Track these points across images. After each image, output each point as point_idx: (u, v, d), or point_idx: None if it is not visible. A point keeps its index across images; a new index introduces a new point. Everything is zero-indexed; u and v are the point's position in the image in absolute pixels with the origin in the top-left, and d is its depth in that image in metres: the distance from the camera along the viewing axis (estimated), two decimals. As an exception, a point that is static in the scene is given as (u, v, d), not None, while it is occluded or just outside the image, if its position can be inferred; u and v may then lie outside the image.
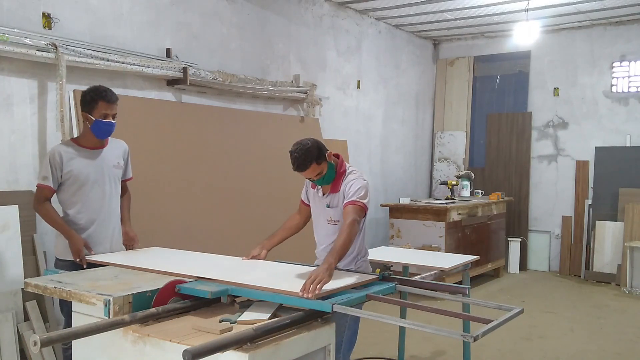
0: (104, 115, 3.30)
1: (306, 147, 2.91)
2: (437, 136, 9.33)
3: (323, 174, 2.99)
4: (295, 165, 2.92)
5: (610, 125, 8.01)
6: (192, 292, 2.51)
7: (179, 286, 2.55)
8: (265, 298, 2.48)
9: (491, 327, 2.15)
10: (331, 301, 2.33)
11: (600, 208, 7.87)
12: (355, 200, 2.93)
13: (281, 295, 2.44)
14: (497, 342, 5.04)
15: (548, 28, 8.11)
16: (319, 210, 3.18)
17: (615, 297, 6.90)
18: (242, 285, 2.55)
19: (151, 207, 4.60)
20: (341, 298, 2.40)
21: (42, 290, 2.70)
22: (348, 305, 2.34)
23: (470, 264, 3.95)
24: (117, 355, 2.36)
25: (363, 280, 2.70)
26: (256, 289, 2.51)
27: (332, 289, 2.46)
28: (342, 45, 7.31)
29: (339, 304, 2.31)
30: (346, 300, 2.37)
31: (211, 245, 4.95)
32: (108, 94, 3.32)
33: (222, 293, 2.52)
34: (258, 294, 2.50)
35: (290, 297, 2.40)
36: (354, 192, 2.96)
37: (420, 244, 6.69)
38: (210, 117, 5.33)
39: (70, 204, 3.37)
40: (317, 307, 2.33)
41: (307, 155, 2.90)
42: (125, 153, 3.64)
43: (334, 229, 3.08)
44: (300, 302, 2.36)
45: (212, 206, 5.13)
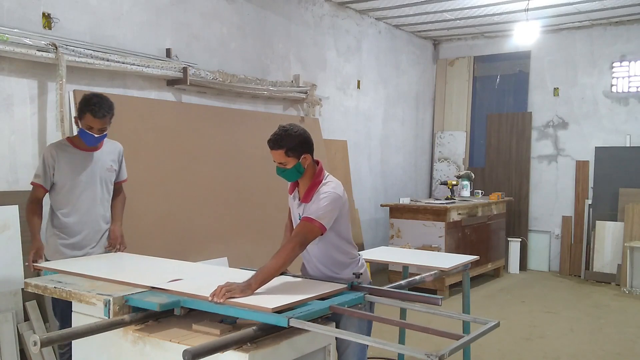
0: (89, 127, 3.24)
1: (290, 132, 2.71)
2: (437, 136, 9.33)
3: (286, 167, 2.76)
4: (270, 139, 2.73)
5: (610, 125, 8.01)
6: (140, 304, 2.36)
7: (126, 297, 2.41)
8: (217, 311, 2.30)
9: (461, 344, 1.97)
10: (288, 314, 2.15)
11: (600, 208, 7.87)
12: (312, 219, 2.65)
13: (235, 308, 2.26)
14: (497, 342, 5.04)
15: (548, 28, 8.10)
16: (295, 221, 2.94)
17: (615, 297, 6.90)
18: (195, 297, 2.38)
19: (151, 207, 4.60)
20: (300, 311, 2.22)
21: (42, 290, 2.70)
22: (308, 319, 2.18)
23: (470, 264, 3.94)
24: (117, 355, 2.35)
25: (329, 290, 2.51)
26: (204, 300, 2.34)
27: (293, 302, 2.29)
28: (342, 45, 7.30)
29: (296, 318, 2.13)
30: (305, 313, 2.20)
31: (211, 245, 4.96)
32: (96, 109, 3.20)
33: (173, 305, 2.36)
34: (210, 307, 2.31)
35: (245, 311, 2.24)
36: (316, 208, 2.68)
37: (420, 244, 6.69)
38: (210, 117, 5.33)
39: (61, 205, 3.34)
40: (272, 322, 2.14)
41: (284, 139, 2.69)
42: (119, 155, 3.58)
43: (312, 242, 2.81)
44: (254, 316, 2.19)
45: (212, 206, 5.13)
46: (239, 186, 5.39)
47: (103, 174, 3.44)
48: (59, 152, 3.32)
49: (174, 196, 4.81)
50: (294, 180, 2.86)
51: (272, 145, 2.72)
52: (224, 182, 5.28)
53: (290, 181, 2.90)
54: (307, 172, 2.82)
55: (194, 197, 5.00)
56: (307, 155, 2.77)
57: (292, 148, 2.71)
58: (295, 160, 2.74)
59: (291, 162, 2.74)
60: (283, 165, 2.76)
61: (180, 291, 2.44)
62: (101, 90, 4.45)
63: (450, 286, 6.70)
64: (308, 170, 2.81)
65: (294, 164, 2.75)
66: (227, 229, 5.20)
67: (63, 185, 3.32)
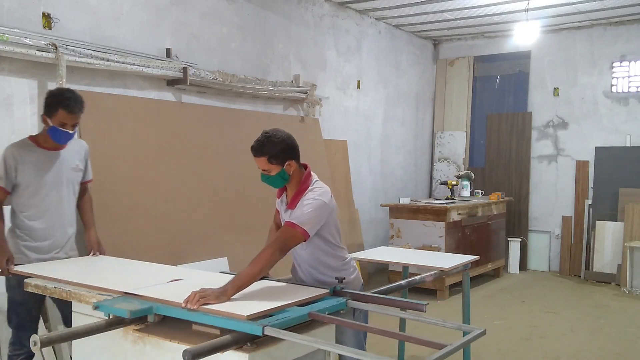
0: (62, 124, 3.09)
1: (272, 138, 2.65)
2: (437, 136, 9.33)
3: (270, 174, 2.70)
4: (252, 146, 2.67)
5: (610, 125, 8.01)
6: (109, 310, 2.27)
7: (96, 304, 2.34)
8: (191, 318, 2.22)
9: (443, 354, 1.89)
10: (263, 322, 2.06)
11: (600, 208, 7.87)
12: (294, 224, 2.57)
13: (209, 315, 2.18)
14: (497, 342, 5.04)
15: (548, 28, 8.10)
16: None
17: (615, 297, 6.90)
18: (169, 303, 2.29)
19: (151, 207, 4.60)
20: (276, 319, 2.13)
21: (42, 290, 2.70)
22: (285, 327, 2.10)
23: (470, 264, 3.94)
24: (117, 355, 2.35)
25: (309, 296, 2.42)
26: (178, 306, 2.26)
27: (269, 308, 2.20)
28: (342, 45, 7.30)
29: (272, 326, 2.04)
30: (281, 321, 2.11)
31: (211, 246, 4.96)
32: (70, 104, 3.08)
33: (145, 312, 2.26)
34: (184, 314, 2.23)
35: (219, 318, 2.15)
36: (299, 214, 2.61)
37: (420, 244, 6.69)
38: (210, 117, 5.33)
39: (25, 208, 3.16)
40: (246, 330, 2.05)
41: (266, 145, 2.64)
42: (85, 154, 3.43)
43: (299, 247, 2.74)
44: (227, 324, 2.10)
45: (212, 206, 5.13)
46: (239, 186, 5.39)
47: (69, 174, 3.29)
48: (22, 152, 3.15)
49: (173, 196, 4.81)
50: (279, 186, 2.81)
51: (255, 152, 2.67)
52: (224, 182, 5.28)
53: (276, 187, 2.84)
54: (294, 178, 2.75)
55: (194, 197, 5.00)
56: (291, 161, 2.69)
57: (274, 155, 2.65)
58: (279, 167, 2.68)
59: (275, 169, 2.68)
60: (267, 172, 2.71)
61: (154, 297, 2.35)
62: (101, 90, 4.47)
63: (450, 286, 6.70)
64: (294, 176, 2.74)
65: (277, 170, 2.68)
66: (227, 229, 5.20)
67: (27, 187, 3.14)
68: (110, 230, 4.22)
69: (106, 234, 4.17)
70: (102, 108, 4.40)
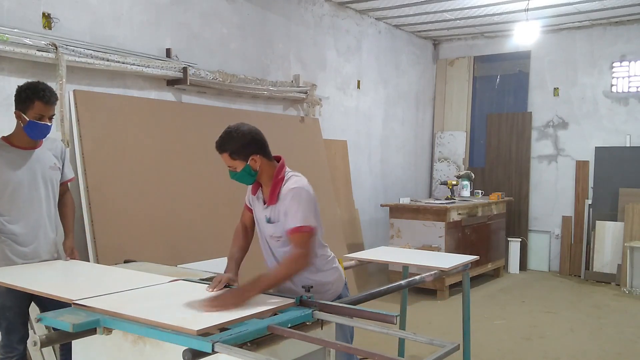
0: (40, 116, 3.01)
1: (233, 133, 2.58)
2: (437, 136, 9.33)
3: (235, 170, 2.62)
4: (216, 142, 2.61)
5: (610, 125, 8.01)
6: (51, 323, 2.12)
7: (39, 316, 2.18)
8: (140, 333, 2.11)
9: None
10: (214, 338, 1.89)
11: (600, 208, 7.87)
12: (300, 227, 2.50)
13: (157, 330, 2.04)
14: (497, 342, 5.04)
15: (548, 28, 8.10)
16: (260, 224, 2.75)
17: (615, 297, 6.90)
18: (116, 315, 2.16)
19: (150, 207, 4.60)
20: (230, 333, 1.97)
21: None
22: (240, 342, 1.96)
23: (470, 264, 3.94)
24: (117, 356, 2.35)
25: (272, 307, 2.27)
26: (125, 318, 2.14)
27: (224, 322, 2.06)
28: (342, 45, 7.30)
29: (223, 342, 1.88)
30: (236, 336, 1.95)
31: (211, 246, 4.96)
32: (47, 94, 3.01)
33: (91, 325, 2.12)
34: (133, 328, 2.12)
35: (167, 333, 2.01)
36: (294, 214, 2.51)
37: (420, 244, 6.69)
38: (210, 117, 5.33)
39: (3, 211, 3.04)
40: (195, 346, 1.89)
41: (226, 141, 2.58)
42: (62, 152, 3.31)
43: (281, 244, 2.65)
44: (175, 339, 1.97)
45: (213, 206, 5.13)
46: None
47: (46, 173, 3.17)
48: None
49: (173, 196, 4.81)
50: (249, 183, 2.72)
51: (217, 148, 2.59)
52: (224, 182, 5.26)
53: (247, 184, 2.75)
54: (265, 172, 2.65)
55: (194, 197, 4.99)
56: (255, 156, 2.59)
57: (236, 150, 2.57)
58: (242, 162, 2.59)
59: (239, 165, 2.60)
60: (233, 168, 2.62)
61: (103, 309, 2.21)
62: (101, 90, 4.47)
63: (450, 286, 6.70)
64: (264, 170, 2.64)
65: (242, 166, 2.59)
66: (227, 229, 5.18)
67: (4, 189, 3.02)
68: (109, 230, 4.22)
69: (106, 234, 4.18)
70: (102, 108, 4.40)
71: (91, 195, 4.15)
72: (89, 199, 4.13)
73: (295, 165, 5.63)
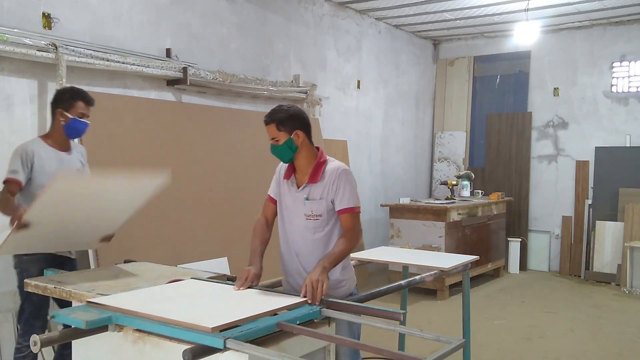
0: (82, 114, 3.24)
1: (283, 107, 2.73)
2: (437, 136, 9.33)
3: (278, 143, 2.69)
4: (267, 114, 2.73)
5: (610, 125, 8.01)
6: (65, 320, 2.17)
7: (52, 313, 2.24)
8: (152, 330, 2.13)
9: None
10: (226, 334, 1.93)
11: (600, 208, 7.87)
12: (353, 208, 2.69)
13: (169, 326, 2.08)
14: (497, 342, 5.04)
15: (548, 28, 8.10)
16: (295, 207, 2.78)
17: (615, 297, 6.90)
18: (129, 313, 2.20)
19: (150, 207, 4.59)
20: (241, 330, 2.02)
21: (42, 290, 2.70)
22: (251, 338, 1.99)
23: (470, 264, 3.94)
24: (117, 355, 2.35)
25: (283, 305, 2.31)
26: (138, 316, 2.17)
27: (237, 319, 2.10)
28: (342, 45, 7.31)
29: (235, 338, 1.91)
30: (247, 332, 1.99)
31: (211, 246, 4.96)
32: (87, 95, 3.29)
33: (104, 322, 2.16)
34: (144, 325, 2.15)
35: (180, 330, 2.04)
36: (348, 197, 2.68)
37: (420, 244, 6.69)
38: (210, 117, 5.33)
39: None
40: (208, 343, 1.92)
41: (276, 112, 2.69)
42: (84, 155, 3.50)
43: (315, 224, 2.72)
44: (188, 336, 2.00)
45: (212, 206, 5.13)
46: (238, 186, 5.39)
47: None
48: (36, 149, 3.19)
49: (173, 196, 4.81)
50: (287, 159, 2.75)
51: (266, 119, 2.71)
52: (223, 182, 5.28)
53: (283, 161, 2.80)
54: (302, 152, 2.72)
55: (194, 197, 4.99)
56: (299, 131, 2.69)
57: (283, 121, 2.67)
58: (286, 135, 2.67)
59: (283, 137, 2.68)
60: (275, 141, 2.70)
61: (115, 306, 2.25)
62: (101, 90, 4.47)
63: (450, 286, 6.70)
64: (303, 149, 2.72)
65: (285, 139, 2.67)
66: (227, 229, 5.20)
67: (39, 185, 3.10)
68: (110, 230, 4.22)
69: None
70: (102, 108, 4.38)
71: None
72: (89, 199, 4.13)
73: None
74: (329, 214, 2.71)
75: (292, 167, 2.80)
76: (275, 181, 2.91)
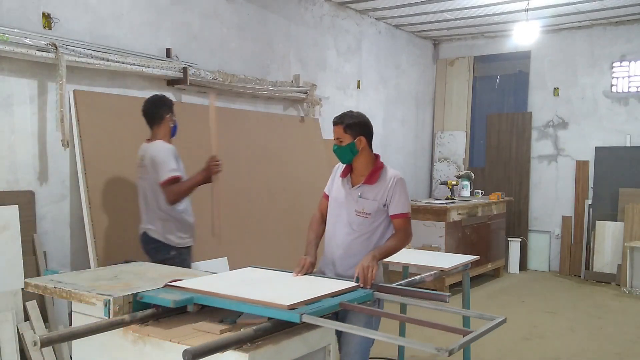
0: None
1: (353, 112, 3.02)
2: (437, 136, 9.33)
3: (341, 143, 2.96)
4: (338, 115, 3.00)
5: (610, 125, 8.01)
6: (153, 300, 2.39)
7: (141, 294, 2.42)
8: (232, 307, 2.34)
9: (469, 339, 2.01)
10: (300, 311, 2.18)
11: (600, 208, 7.87)
12: (406, 214, 3.02)
13: (248, 304, 2.30)
14: (497, 342, 5.04)
15: (548, 28, 8.11)
16: (346, 202, 3.02)
17: (615, 297, 6.90)
18: (208, 294, 2.43)
19: (151, 207, 4.59)
20: (311, 308, 2.26)
21: (42, 290, 2.70)
22: (319, 315, 2.23)
23: (470, 264, 3.94)
24: (117, 355, 2.35)
25: (340, 288, 2.59)
26: (221, 297, 2.38)
27: (307, 299, 2.34)
28: (342, 45, 7.30)
29: (309, 314, 2.17)
30: (316, 310, 2.25)
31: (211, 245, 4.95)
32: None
33: (187, 302, 2.39)
34: (224, 303, 2.37)
35: (259, 307, 2.27)
36: (403, 203, 3.01)
37: (420, 244, 6.69)
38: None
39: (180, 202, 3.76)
40: (285, 317, 2.18)
41: (346, 116, 2.98)
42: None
43: (362, 221, 2.97)
44: (268, 312, 2.23)
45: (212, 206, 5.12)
46: (238, 186, 5.38)
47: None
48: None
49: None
50: (346, 160, 3.02)
51: (336, 120, 2.98)
52: (223, 182, 5.27)
53: (342, 161, 3.05)
54: (362, 157, 3.01)
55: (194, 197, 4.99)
56: (362, 137, 2.97)
57: (351, 125, 2.94)
58: (351, 138, 2.94)
59: (347, 140, 2.94)
60: (339, 141, 2.96)
61: (193, 288, 2.50)
62: (101, 90, 4.47)
63: (450, 286, 6.70)
64: (362, 154, 3.00)
65: (349, 142, 2.94)
66: (227, 228, 5.19)
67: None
68: (109, 230, 4.22)
69: (106, 234, 4.18)
70: (102, 108, 4.40)
71: (91, 195, 4.14)
72: (89, 199, 4.13)
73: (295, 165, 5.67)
74: (377, 215, 2.98)
75: (349, 167, 3.08)
76: (331, 179, 3.20)
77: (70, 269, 4.19)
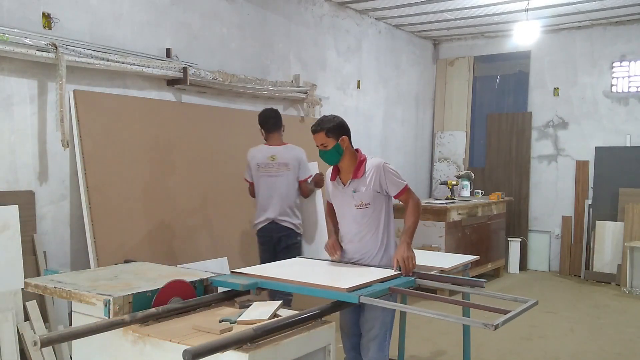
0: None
1: (328, 117, 3.21)
2: (437, 136, 9.33)
3: (326, 148, 3.14)
4: (312, 125, 3.19)
5: (610, 125, 8.01)
6: (223, 284, 2.73)
7: (211, 279, 2.75)
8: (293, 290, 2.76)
9: (510, 317, 2.31)
10: (358, 293, 2.50)
11: (600, 208, 7.87)
12: (403, 187, 3.16)
13: (309, 288, 2.64)
14: (497, 342, 5.04)
15: (548, 28, 8.11)
16: (344, 201, 3.23)
17: (615, 297, 6.90)
18: (272, 279, 2.78)
19: (151, 206, 4.60)
20: (366, 291, 2.57)
21: (42, 290, 2.70)
22: (374, 297, 2.53)
23: (470, 264, 3.94)
24: (117, 355, 2.35)
25: (387, 275, 2.88)
26: (280, 282, 2.75)
27: (360, 284, 2.63)
28: (342, 45, 7.30)
29: (365, 296, 2.49)
30: (371, 292, 2.56)
31: (211, 245, 4.96)
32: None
33: (252, 286, 2.72)
34: (285, 287, 2.74)
35: (320, 290, 2.60)
36: (396, 181, 3.15)
37: (420, 244, 6.68)
38: (210, 117, 5.33)
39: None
40: (345, 299, 2.51)
41: (324, 122, 3.15)
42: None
43: (364, 212, 3.17)
44: (329, 295, 2.54)
45: (212, 206, 5.13)
46: (238, 186, 5.38)
47: None
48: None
49: (173, 196, 4.81)
50: (334, 162, 3.20)
51: (315, 128, 3.15)
52: (223, 182, 5.28)
53: (330, 164, 3.24)
54: (347, 155, 3.19)
55: (194, 197, 4.99)
56: (344, 137, 3.18)
57: (331, 129, 3.13)
58: (334, 141, 3.13)
59: (331, 143, 3.13)
60: (324, 146, 3.14)
61: (256, 274, 2.85)
62: (101, 90, 4.47)
63: (450, 286, 6.69)
64: (347, 153, 3.19)
65: (333, 144, 3.13)
66: (227, 229, 5.20)
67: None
68: (109, 230, 4.22)
69: (106, 234, 4.18)
70: (102, 108, 4.40)
71: (91, 195, 4.14)
72: (89, 199, 4.13)
73: (295, 165, 5.45)
74: (375, 202, 3.16)
75: (336, 169, 3.29)
76: (327, 186, 3.43)
77: (70, 269, 4.19)
